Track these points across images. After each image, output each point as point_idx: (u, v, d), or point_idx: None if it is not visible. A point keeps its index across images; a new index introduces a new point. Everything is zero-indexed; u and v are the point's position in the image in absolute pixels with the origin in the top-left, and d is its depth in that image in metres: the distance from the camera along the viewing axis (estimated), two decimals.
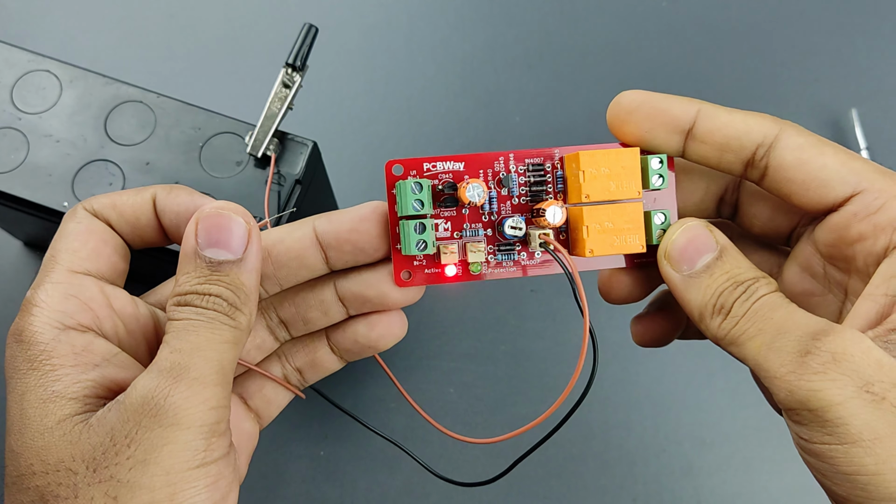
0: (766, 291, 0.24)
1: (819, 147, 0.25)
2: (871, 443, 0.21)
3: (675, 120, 0.26)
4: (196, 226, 0.24)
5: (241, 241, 0.24)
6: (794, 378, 0.22)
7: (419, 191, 0.26)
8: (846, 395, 0.21)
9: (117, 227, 0.26)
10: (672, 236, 0.26)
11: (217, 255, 0.24)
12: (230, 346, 0.24)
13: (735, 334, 0.24)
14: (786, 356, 0.22)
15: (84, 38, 0.61)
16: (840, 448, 0.21)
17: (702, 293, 0.25)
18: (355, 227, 0.27)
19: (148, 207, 0.26)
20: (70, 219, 0.26)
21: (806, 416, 0.22)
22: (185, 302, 0.23)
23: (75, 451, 0.21)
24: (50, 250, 0.25)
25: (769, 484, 0.48)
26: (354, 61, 0.61)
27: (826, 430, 0.21)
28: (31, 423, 0.22)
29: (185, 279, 0.24)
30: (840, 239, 0.25)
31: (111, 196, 0.26)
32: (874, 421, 0.21)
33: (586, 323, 0.25)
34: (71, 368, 0.23)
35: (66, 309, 0.23)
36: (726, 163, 0.26)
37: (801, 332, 0.22)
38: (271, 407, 0.30)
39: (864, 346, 0.22)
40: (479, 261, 0.27)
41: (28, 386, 0.22)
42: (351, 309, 0.29)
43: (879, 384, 0.21)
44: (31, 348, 0.23)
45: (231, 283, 0.24)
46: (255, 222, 0.25)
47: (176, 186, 0.27)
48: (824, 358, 0.21)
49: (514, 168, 0.28)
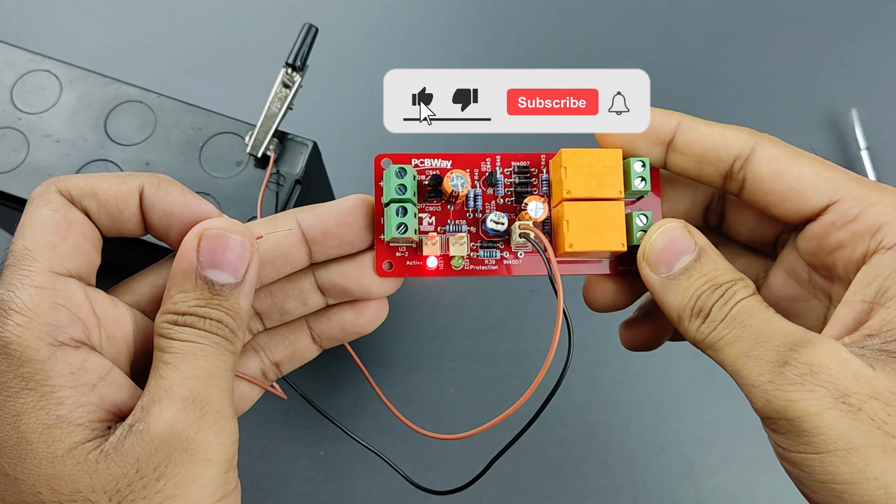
0: (744, 295, 0.24)
1: (794, 158, 0.25)
2: (847, 452, 0.21)
3: (655, 132, 0.27)
4: (199, 242, 0.24)
5: (244, 263, 0.24)
6: (771, 388, 0.22)
7: (402, 176, 0.26)
8: (822, 405, 0.21)
9: (95, 218, 0.24)
10: (650, 238, 0.26)
11: (218, 277, 0.23)
12: (231, 373, 0.24)
13: (713, 339, 0.24)
14: (764, 365, 0.22)
15: (84, 38, 0.61)
16: (816, 457, 0.21)
17: (680, 296, 0.25)
18: (343, 220, 0.27)
19: (133, 200, 0.25)
20: (43, 203, 0.23)
21: (783, 426, 0.22)
22: (185, 322, 0.23)
23: (95, 481, 0.21)
24: (21, 240, 0.22)
25: (769, 484, 0.48)
26: (354, 61, 0.61)
27: (803, 439, 0.21)
28: (34, 450, 0.21)
29: (181, 297, 0.23)
30: (820, 247, 0.25)
31: (90, 181, 0.24)
32: (850, 431, 0.21)
33: (560, 303, 0.25)
34: (71, 390, 0.21)
35: (58, 321, 0.22)
36: (706, 175, 0.27)
37: (778, 341, 0.23)
38: (245, 403, 0.29)
39: (840, 358, 0.22)
40: (460, 254, 0.27)
41: (24, 407, 0.21)
42: (330, 298, 0.28)
43: (856, 395, 0.21)
44: (25, 366, 0.21)
45: (230, 308, 0.24)
46: (256, 243, 0.25)
47: (164, 179, 0.25)
48: (801, 369, 0.22)
49: (501, 169, 0.28)
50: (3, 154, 0.38)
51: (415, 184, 0.27)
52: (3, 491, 0.21)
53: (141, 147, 0.38)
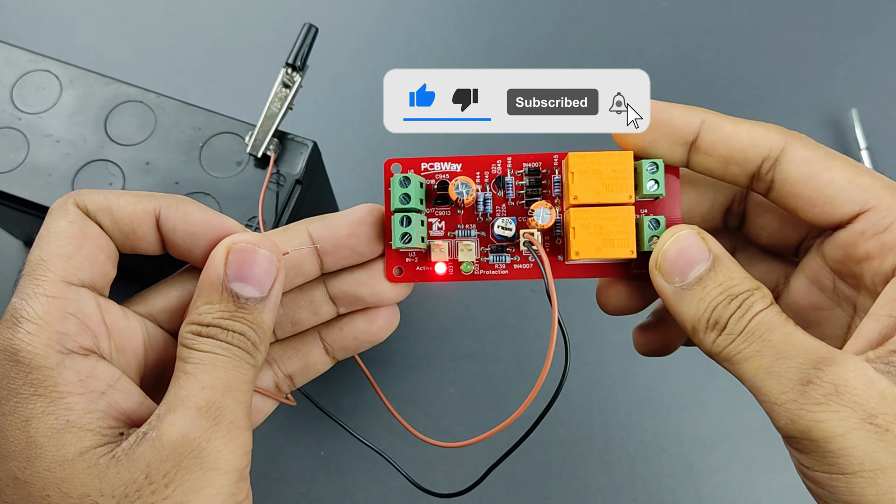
0: (762, 307, 0.23)
1: (826, 162, 0.24)
2: (873, 473, 0.20)
3: (678, 131, 0.25)
4: (227, 256, 0.24)
5: (270, 278, 0.24)
6: (795, 407, 0.21)
7: (406, 185, 0.26)
8: (849, 426, 0.21)
9: (109, 233, 0.25)
10: (663, 246, 0.25)
11: (244, 290, 0.24)
12: (251, 386, 0.24)
13: (730, 352, 0.23)
14: (786, 383, 0.22)
15: (84, 38, 0.61)
16: (842, 478, 0.21)
17: (695, 307, 0.24)
18: (353, 231, 0.27)
19: (148, 221, 0.25)
20: (61, 215, 0.24)
21: (807, 446, 0.22)
22: (208, 334, 0.23)
23: (104, 485, 0.21)
24: (38, 250, 0.23)
25: (769, 484, 0.48)
26: (354, 61, 0.61)
27: (827, 460, 0.21)
28: (44, 453, 0.21)
29: (207, 309, 0.23)
30: (848, 256, 0.25)
31: (108, 197, 0.25)
32: (877, 452, 0.20)
33: (555, 319, 0.25)
34: (79, 397, 0.22)
35: (67, 330, 0.22)
36: (731, 175, 0.26)
37: (801, 358, 0.22)
38: (259, 415, 0.29)
39: (867, 378, 0.21)
40: (469, 260, 0.27)
41: (33, 413, 0.21)
42: (342, 307, 0.28)
43: (883, 416, 0.21)
44: (34, 372, 0.21)
45: (254, 322, 0.24)
46: (283, 258, 0.25)
47: (181, 199, 0.26)
48: (826, 389, 0.21)
49: (512, 172, 0.28)
50: (3, 154, 0.38)
51: (422, 191, 0.27)
52: (13, 494, 0.21)
53: (141, 147, 0.38)
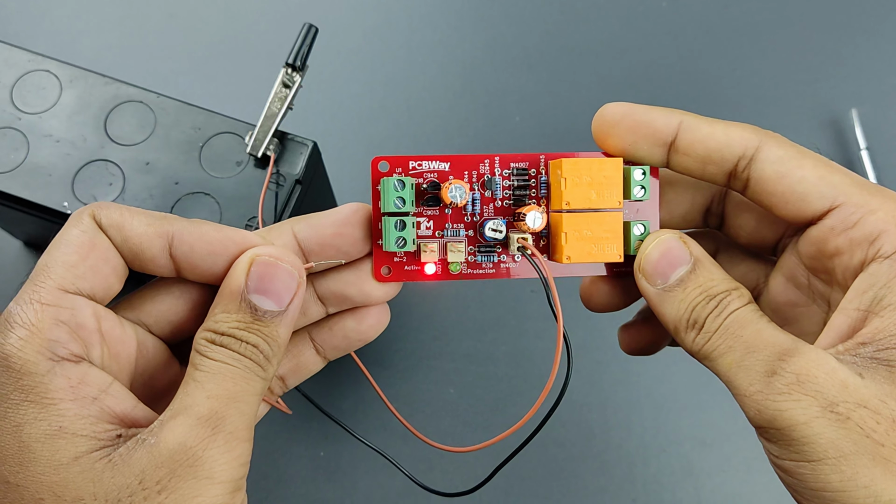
0: (738, 305, 0.24)
1: (798, 160, 0.25)
2: (837, 461, 0.21)
3: (657, 133, 0.26)
4: (249, 267, 0.24)
5: (289, 293, 0.24)
6: (761, 398, 0.22)
7: (401, 188, 0.26)
8: (811, 414, 0.21)
9: (119, 249, 0.25)
10: (646, 250, 0.26)
11: (263, 303, 0.24)
12: (258, 398, 0.24)
13: (708, 350, 0.24)
14: (754, 375, 0.23)
15: (84, 38, 0.61)
16: (807, 465, 0.22)
17: (676, 307, 0.25)
18: (338, 230, 0.27)
19: (159, 244, 0.25)
20: (75, 224, 0.24)
21: (774, 435, 0.22)
22: (222, 343, 0.23)
23: (97, 489, 0.21)
24: (46, 255, 0.23)
25: (769, 484, 0.48)
26: (354, 61, 0.61)
27: (793, 448, 0.22)
28: (37, 458, 0.21)
29: (224, 318, 0.24)
30: (819, 252, 0.25)
31: (123, 214, 0.24)
32: (839, 440, 0.21)
33: (560, 328, 0.25)
34: (71, 403, 0.22)
35: (58, 337, 0.22)
36: (709, 174, 0.26)
37: (768, 350, 0.23)
38: None
39: (828, 367, 0.22)
40: (458, 260, 0.27)
41: (25, 418, 0.21)
42: (331, 307, 0.28)
43: (844, 404, 0.21)
44: (24, 378, 0.22)
45: (269, 336, 0.24)
46: (304, 274, 0.25)
47: (196, 221, 0.25)
48: (789, 379, 0.22)
49: (500, 172, 0.28)
50: (3, 154, 0.38)
51: (412, 192, 0.27)
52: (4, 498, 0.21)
53: (141, 147, 0.38)
